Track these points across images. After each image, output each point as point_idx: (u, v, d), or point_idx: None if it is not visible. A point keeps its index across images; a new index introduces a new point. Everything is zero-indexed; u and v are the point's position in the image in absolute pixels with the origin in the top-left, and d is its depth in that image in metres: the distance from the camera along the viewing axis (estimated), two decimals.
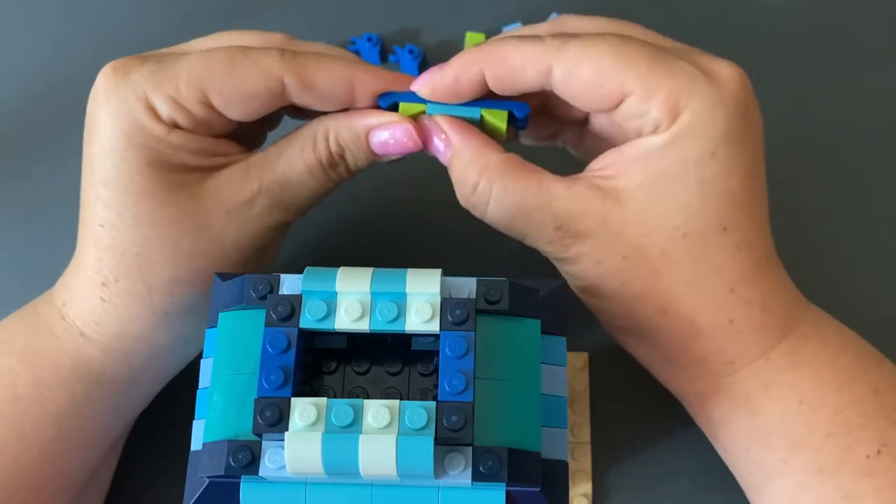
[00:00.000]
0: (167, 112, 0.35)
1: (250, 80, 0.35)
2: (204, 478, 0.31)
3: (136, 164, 0.35)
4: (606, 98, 0.34)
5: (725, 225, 0.35)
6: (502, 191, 0.35)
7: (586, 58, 0.34)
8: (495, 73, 0.35)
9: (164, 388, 0.44)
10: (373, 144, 0.36)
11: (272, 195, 0.36)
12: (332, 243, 0.47)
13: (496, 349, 0.31)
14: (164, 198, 0.35)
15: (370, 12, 0.52)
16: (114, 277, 0.36)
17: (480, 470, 0.29)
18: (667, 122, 0.33)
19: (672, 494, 0.42)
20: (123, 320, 0.36)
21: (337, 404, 0.30)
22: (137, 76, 0.35)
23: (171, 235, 0.35)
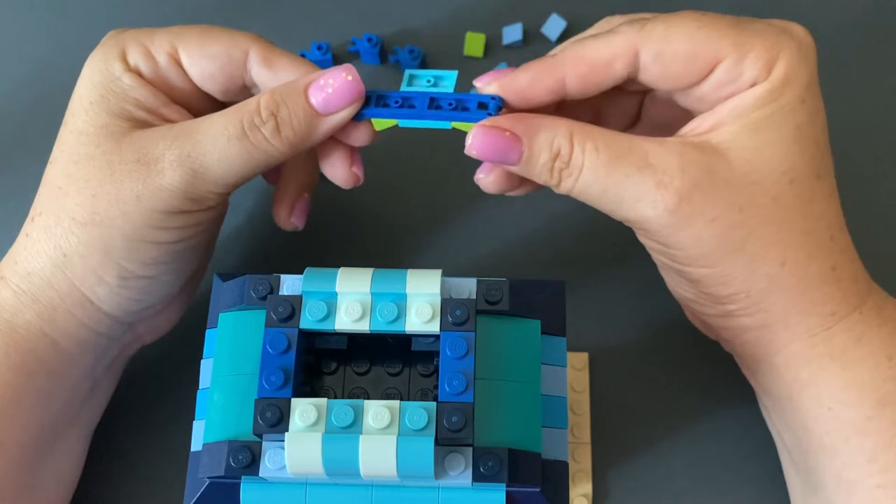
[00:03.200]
0: (134, 58, 0.38)
1: (217, 43, 0.37)
2: (204, 478, 0.31)
3: (85, 103, 0.37)
4: (701, 68, 0.34)
5: (819, 172, 0.36)
6: (594, 151, 0.34)
7: (674, 34, 0.34)
8: (578, 74, 0.35)
9: (163, 388, 0.44)
10: (313, 101, 0.35)
11: (181, 151, 0.35)
12: (332, 243, 0.47)
13: (496, 350, 0.31)
14: (93, 136, 0.37)
15: (370, 12, 0.52)
16: (39, 211, 0.38)
17: (481, 470, 0.30)
18: (763, 75, 0.34)
19: (671, 494, 0.42)
20: (34, 256, 0.37)
21: (337, 405, 0.30)
22: (128, 32, 0.39)
23: (84, 171, 0.36)
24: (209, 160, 0.35)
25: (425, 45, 0.50)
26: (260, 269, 0.45)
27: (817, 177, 0.36)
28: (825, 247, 0.36)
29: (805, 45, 0.35)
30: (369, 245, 0.47)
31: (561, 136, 0.34)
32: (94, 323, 0.38)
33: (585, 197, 0.35)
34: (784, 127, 0.34)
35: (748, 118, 0.34)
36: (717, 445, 0.43)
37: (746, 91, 0.35)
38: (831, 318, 0.37)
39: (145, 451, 0.43)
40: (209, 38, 0.38)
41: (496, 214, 0.47)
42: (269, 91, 0.36)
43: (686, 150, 0.34)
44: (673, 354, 0.44)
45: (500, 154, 0.34)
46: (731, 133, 0.34)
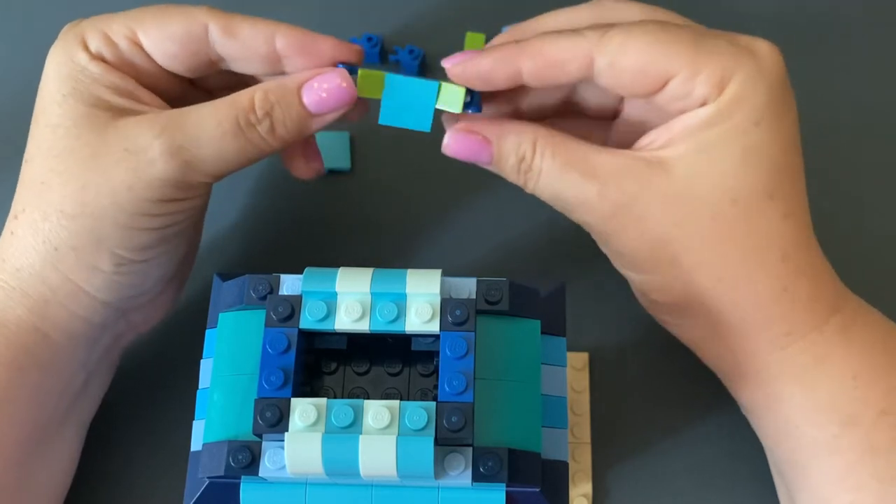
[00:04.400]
0: (95, 45, 0.37)
1: (174, 22, 0.37)
2: (204, 478, 0.31)
3: (58, 98, 0.37)
4: (651, 83, 0.35)
5: (771, 192, 0.35)
6: (551, 157, 0.36)
7: (629, 47, 0.34)
8: (535, 68, 0.35)
9: (163, 388, 0.44)
10: (306, 101, 0.36)
11: (172, 140, 0.35)
12: (332, 243, 0.47)
13: (496, 349, 0.31)
14: (72, 129, 0.36)
15: (370, 12, 0.52)
16: (22, 207, 0.37)
17: (480, 470, 0.30)
18: (714, 94, 0.34)
19: (671, 494, 0.42)
20: (22, 252, 0.37)
21: (337, 405, 0.30)
22: (85, 22, 0.38)
23: (67, 164, 0.36)
24: (203, 153, 0.36)
25: (425, 45, 0.50)
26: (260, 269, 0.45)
27: (769, 197, 0.35)
28: (773, 267, 0.36)
29: (767, 66, 0.35)
30: (369, 245, 0.47)
31: (526, 143, 0.36)
32: (89, 313, 0.38)
33: (545, 198, 0.37)
34: (730, 147, 0.35)
35: (696, 137, 0.35)
36: (717, 445, 0.43)
37: (697, 110, 0.35)
38: (787, 338, 0.36)
39: (145, 450, 0.43)
40: (166, 18, 0.37)
41: (496, 214, 0.47)
42: (263, 90, 0.36)
43: (633, 163, 0.35)
44: (673, 355, 0.44)
45: (473, 155, 0.37)
46: (679, 150, 0.35)
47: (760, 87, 0.35)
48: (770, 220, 0.36)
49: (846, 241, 0.44)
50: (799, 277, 0.36)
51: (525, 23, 0.39)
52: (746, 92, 0.34)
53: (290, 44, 0.37)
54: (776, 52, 0.36)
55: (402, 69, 0.50)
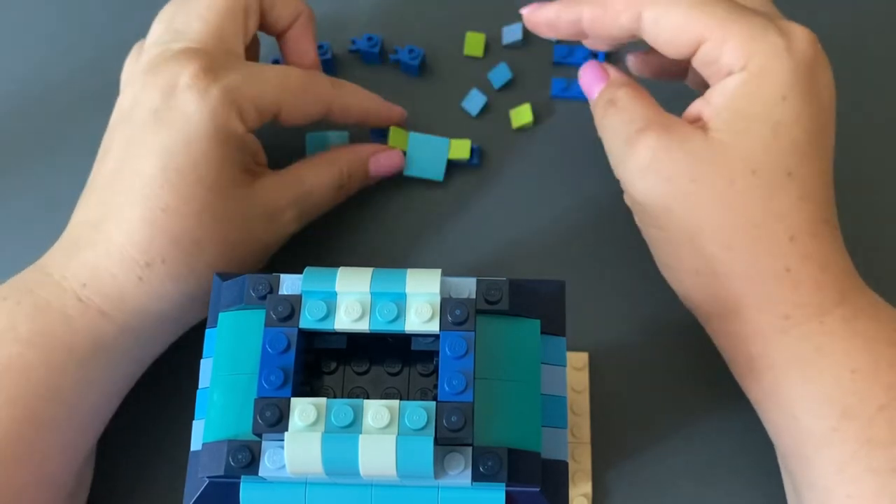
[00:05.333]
0: (251, 119, 0.40)
1: (312, 105, 0.43)
2: (204, 478, 0.31)
3: (215, 159, 0.39)
4: (685, 44, 0.37)
5: (790, 170, 0.36)
6: (632, 93, 0.40)
7: (672, 7, 0.37)
8: (593, 15, 0.39)
9: (163, 387, 0.44)
10: (371, 170, 0.46)
11: (299, 207, 0.43)
12: (332, 243, 0.47)
13: (496, 349, 0.31)
14: (226, 192, 0.39)
15: (370, 12, 0.52)
16: (161, 259, 0.38)
17: (480, 470, 0.29)
18: (739, 64, 0.36)
19: (672, 494, 0.42)
20: (154, 300, 0.38)
21: (337, 404, 0.30)
22: (230, 81, 0.40)
23: (224, 227, 0.39)
24: (314, 210, 0.44)
25: (425, 45, 0.50)
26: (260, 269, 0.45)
27: (787, 175, 0.36)
28: (780, 245, 0.36)
29: (797, 46, 0.36)
30: (369, 245, 0.47)
31: (622, 81, 0.41)
32: (178, 337, 0.42)
33: (605, 132, 0.41)
34: (760, 120, 0.36)
35: (731, 105, 0.37)
36: (718, 445, 0.43)
37: (728, 79, 0.37)
38: (786, 322, 0.37)
39: (145, 450, 0.43)
40: (306, 100, 0.42)
41: (496, 214, 0.47)
42: (348, 163, 0.45)
43: (677, 122, 0.38)
44: (673, 354, 0.44)
45: (594, 82, 0.42)
46: (716, 117, 0.37)
47: (786, 64, 0.36)
48: (785, 199, 0.36)
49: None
50: (805, 261, 0.37)
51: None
52: (772, 66, 0.36)
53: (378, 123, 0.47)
54: (811, 37, 0.37)
55: (402, 69, 0.50)
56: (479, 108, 0.49)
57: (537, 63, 0.50)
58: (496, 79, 0.50)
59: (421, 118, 0.49)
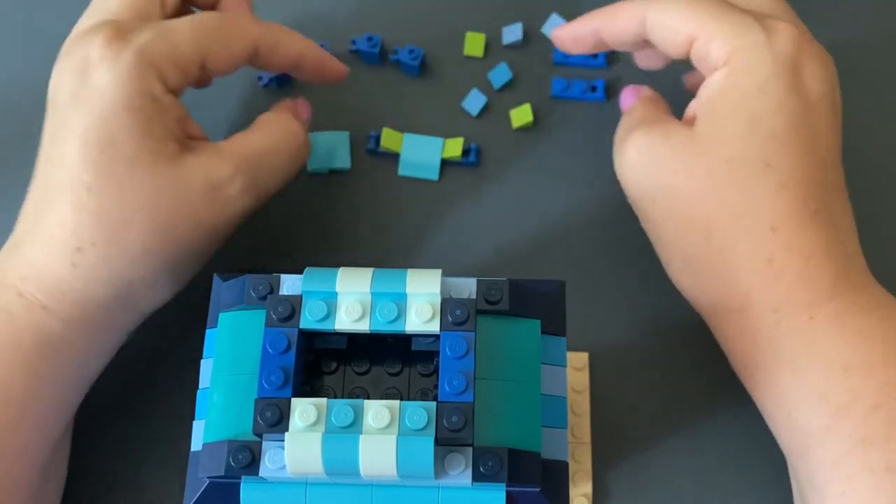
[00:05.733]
0: (173, 78, 0.38)
1: (236, 44, 0.40)
2: (204, 478, 0.31)
3: (133, 129, 0.37)
4: (681, 43, 0.39)
5: (768, 161, 0.37)
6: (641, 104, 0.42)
7: (667, 9, 0.39)
8: (605, 26, 0.42)
9: (163, 387, 0.44)
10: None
11: (247, 174, 0.39)
12: (332, 243, 0.47)
13: (496, 349, 0.31)
14: (151, 165, 0.37)
15: (370, 12, 0.52)
16: (90, 241, 0.37)
17: (480, 470, 0.29)
18: (723, 60, 0.38)
19: (672, 494, 0.42)
20: (91, 286, 0.37)
21: (337, 405, 0.30)
22: (142, 41, 0.37)
23: (153, 202, 0.37)
24: (273, 179, 0.41)
25: (425, 45, 0.50)
26: (260, 269, 0.45)
27: (765, 166, 0.37)
28: (761, 235, 0.37)
29: (780, 41, 0.37)
30: (369, 245, 0.47)
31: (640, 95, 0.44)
32: (132, 327, 0.40)
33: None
34: (737, 112, 0.37)
35: (712, 101, 0.38)
36: (718, 445, 0.43)
37: (714, 75, 0.38)
38: (774, 316, 0.37)
39: (145, 450, 0.43)
40: (230, 42, 0.40)
41: (496, 214, 0.47)
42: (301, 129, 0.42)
43: (668, 122, 0.40)
44: (673, 354, 0.44)
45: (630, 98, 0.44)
46: (700, 113, 0.38)
47: (767, 59, 0.37)
48: (763, 189, 0.37)
49: None
50: (788, 253, 0.37)
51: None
52: (753, 61, 0.37)
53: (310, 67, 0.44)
54: (794, 32, 0.38)
55: (402, 69, 0.50)
56: (479, 108, 0.49)
57: (537, 63, 0.50)
58: (496, 79, 0.50)
59: (421, 118, 0.49)
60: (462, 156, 0.48)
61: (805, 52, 0.38)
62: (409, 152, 0.48)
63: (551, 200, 0.48)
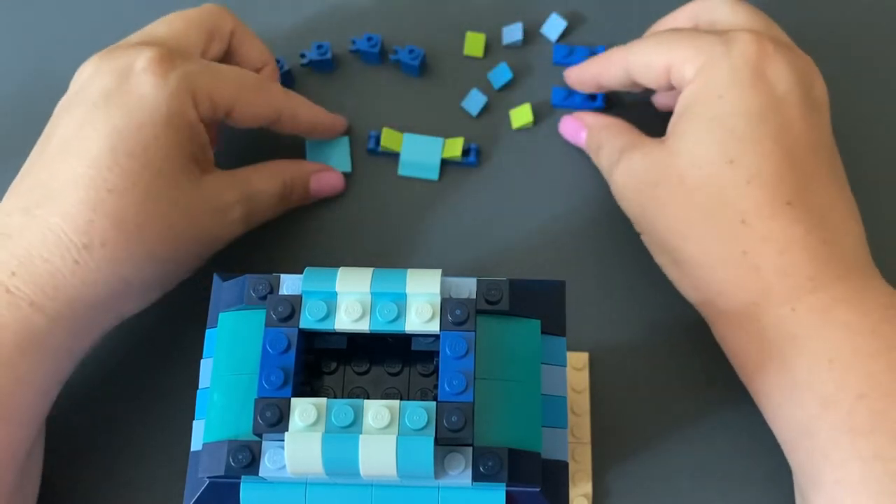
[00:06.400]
0: (206, 109, 0.40)
1: (264, 107, 0.43)
2: (204, 478, 0.31)
3: (166, 145, 0.39)
4: (660, 75, 0.42)
5: (731, 158, 0.38)
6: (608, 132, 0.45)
7: (640, 50, 0.43)
8: (600, 71, 0.46)
9: (163, 387, 0.44)
10: (312, 187, 0.47)
11: (245, 207, 0.43)
12: (332, 243, 0.47)
13: (496, 349, 0.31)
14: (174, 180, 0.39)
15: (370, 12, 0.52)
16: (101, 242, 0.37)
17: (480, 470, 0.29)
18: (692, 77, 0.41)
19: (672, 494, 0.42)
20: (88, 284, 0.37)
21: (337, 404, 0.30)
22: (189, 70, 0.40)
23: (169, 213, 0.39)
24: (261, 214, 0.44)
25: (425, 45, 0.50)
26: (260, 269, 0.45)
27: (729, 162, 0.38)
28: (730, 228, 0.38)
29: (737, 49, 0.40)
30: (369, 245, 0.47)
31: (602, 129, 0.46)
32: (109, 328, 0.41)
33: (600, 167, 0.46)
34: (698, 118, 0.40)
35: (681, 114, 0.41)
36: (718, 445, 0.43)
37: (683, 91, 0.41)
38: (756, 308, 0.37)
39: (145, 450, 0.43)
40: (258, 101, 0.43)
41: (496, 214, 0.47)
42: (292, 175, 0.46)
43: (647, 141, 0.42)
44: (673, 354, 0.44)
45: (571, 137, 0.48)
46: (672, 125, 0.41)
47: (724, 66, 0.39)
48: (730, 185, 0.38)
49: None
50: (763, 244, 0.37)
51: None
52: (710, 71, 0.40)
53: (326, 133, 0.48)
54: (753, 39, 0.40)
55: (402, 69, 0.50)
56: (479, 108, 0.49)
57: (537, 63, 0.50)
58: (496, 79, 0.50)
59: (421, 118, 0.49)
60: (462, 156, 0.48)
61: (768, 54, 0.39)
62: (409, 152, 0.48)
63: (551, 200, 0.48)
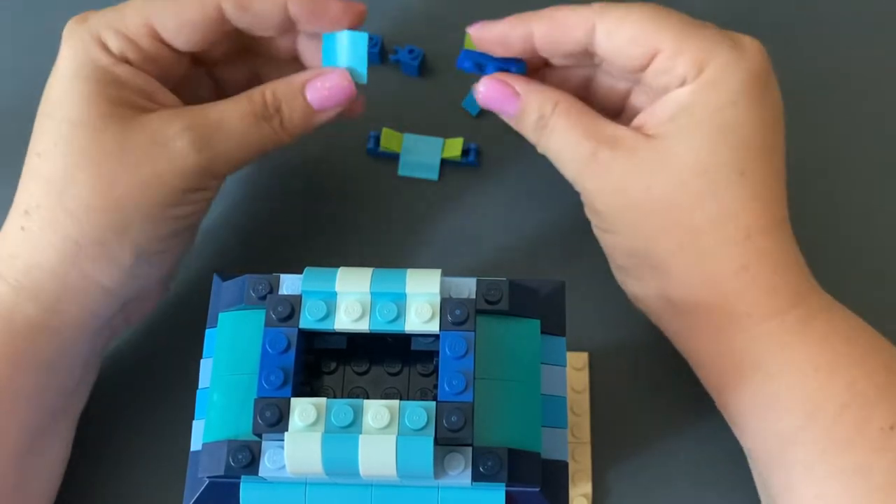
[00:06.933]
0: (117, 45, 0.38)
1: (189, 8, 0.38)
2: (204, 478, 0.31)
3: (78, 95, 0.37)
4: (640, 55, 0.38)
5: (742, 169, 0.37)
6: (566, 117, 0.39)
7: (626, 19, 0.38)
8: (545, 31, 0.39)
9: (163, 388, 0.44)
10: (310, 99, 0.40)
11: (198, 132, 0.38)
12: (332, 243, 0.47)
13: (496, 349, 0.31)
14: (95, 126, 0.37)
15: (370, 12, 0.51)
16: (36, 203, 0.37)
17: (480, 470, 0.29)
18: (692, 74, 0.37)
19: (671, 494, 0.42)
20: (37, 250, 0.37)
21: (337, 404, 0.30)
22: (93, 19, 0.39)
23: (95, 160, 0.37)
24: (229, 144, 0.39)
25: (425, 45, 0.50)
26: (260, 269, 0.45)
27: (740, 174, 0.37)
28: (735, 243, 0.37)
29: (748, 56, 0.37)
30: (369, 245, 0.47)
31: (548, 102, 0.39)
32: (99, 307, 0.39)
33: (550, 154, 0.40)
34: (706, 124, 0.37)
35: (678, 116, 0.37)
36: (717, 445, 0.43)
37: (679, 90, 0.38)
38: (748, 320, 0.37)
39: (145, 450, 0.43)
40: (180, 5, 0.38)
41: (497, 214, 0.47)
42: (271, 89, 0.39)
43: (628, 135, 0.38)
44: (673, 354, 0.44)
45: (501, 103, 0.40)
46: (661, 126, 0.38)
47: (738, 72, 0.37)
48: (738, 197, 0.37)
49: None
50: (761, 260, 0.37)
51: None
52: (724, 75, 0.37)
53: (301, 9, 0.39)
54: (760, 47, 0.38)
55: (402, 69, 0.50)
56: (479, 108, 0.49)
57: None
58: None
59: (421, 118, 0.49)
60: (462, 156, 0.48)
61: (768, 67, 0.38)
62: (409, 152, 0.48)
63: (551, 200, 0.48)
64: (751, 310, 0.37)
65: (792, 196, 0.39)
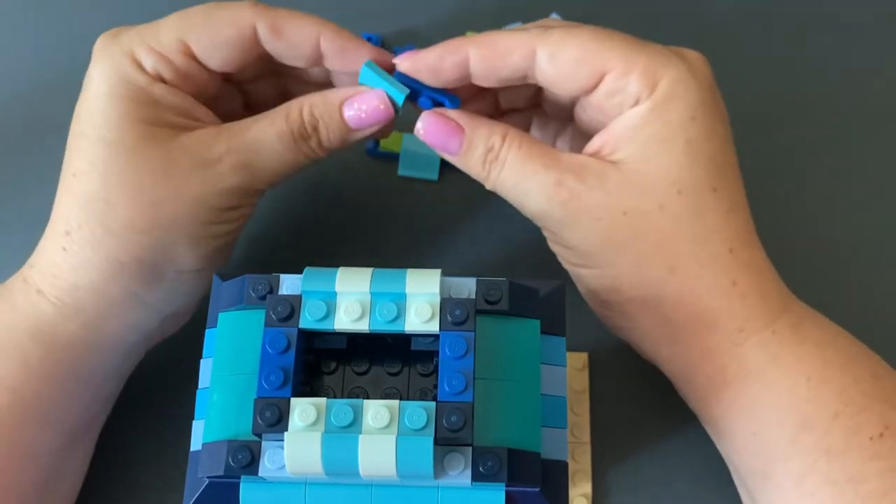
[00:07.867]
0: (151, 63, 0.38)
1: (225, 28, 0.38)
2: (204, 478, 0.31)
3: (114, 115, 0.37)
4: (587, 77, 0.36)
5: (715, 186, 0.36)
6: (518, 148, 0.37)
7: (568, 41, 0.36)
8: (482, 56, 0.37)
9: (163, 388, 0.44)
10: (346, 117, 0.38)
11: (239, 155, 0.38)
12: (332, 243, 0.47)
13: (496, 349, 0.31)
14: (134, 146, 0.37)
15: (370, 12, 0.52)
16: (77, 224, 0.37)
17: (480, 470, 0.29)
18: (646, 92, 0.36)
19: (671, 494, 0.42)
20: (79, 269, 0.37)
21: (336, 404, 0.30)
22: (125, 36, 0.38)
23: (135, 180, 0.37)
24: (268, 164, 0.38)
25: (425, 45, 0.50)
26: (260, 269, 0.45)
27: (713, 190, 0.36)
28: (722, 259, 0.36)
29: (697, 68, 0.37)
30: (369, 245, 0.47)
31: (496, 134, 0.37)
32: (140, 323, 0.39)
33: (503, 190, 0.38)
34: (672, 141, 0.36)
35: (640, 135, 0.36)
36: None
37: (635, 109, 0.36)
38: (740, 335, 0.37)
39: (145, 450, 0.43)
40: (215, 24, 0.38)
41: (496, 214, 0.47)
42: (309, 105, 0.38)
43: (589, 161, 0.37)
44: None
45: (444, 140, 0.38)
46: (624, 149, 0.36)
47: (692, 86, 0.36)
48: (716, 213, 0.36)
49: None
50: (746, 272, 0.37)
51: None
52: (679, 90, 0.36)
53: (332, 46, 0.39)
54: (704, 59, 0.38)
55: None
56: None
57: None
58: None
59: None
60: None
61: (712, 77, 0.37)
62: (409, 152, 0.48)
63: None
64: (743, 324, 0.37)
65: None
